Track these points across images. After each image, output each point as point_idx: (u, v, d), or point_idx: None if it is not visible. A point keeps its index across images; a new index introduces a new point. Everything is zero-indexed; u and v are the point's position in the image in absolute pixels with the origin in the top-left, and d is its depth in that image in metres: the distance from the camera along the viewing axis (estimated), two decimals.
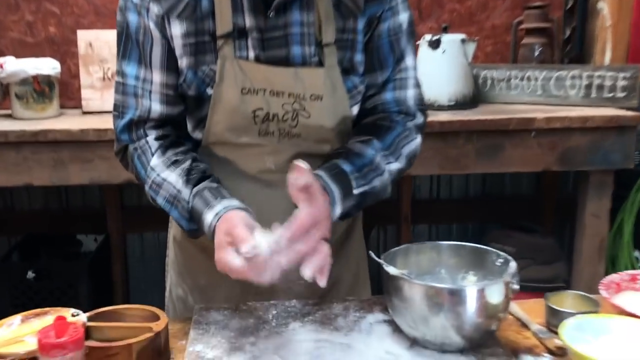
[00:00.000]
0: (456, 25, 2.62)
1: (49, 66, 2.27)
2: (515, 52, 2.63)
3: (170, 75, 1.13)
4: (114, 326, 1.02)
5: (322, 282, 0.92)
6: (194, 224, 1.07)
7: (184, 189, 1.07)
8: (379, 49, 1.16)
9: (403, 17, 1.16)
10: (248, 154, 1.15)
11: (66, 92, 2.50)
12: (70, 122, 2.14)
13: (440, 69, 2.30)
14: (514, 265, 1.01)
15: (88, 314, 1.03)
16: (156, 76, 1.13)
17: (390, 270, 1.00)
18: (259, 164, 1.15)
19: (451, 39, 2.30)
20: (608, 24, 2.54)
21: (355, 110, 1.17)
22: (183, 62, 1.11)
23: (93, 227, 2.75)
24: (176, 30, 1.09)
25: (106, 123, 2.00)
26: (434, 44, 2.30)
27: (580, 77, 2.30)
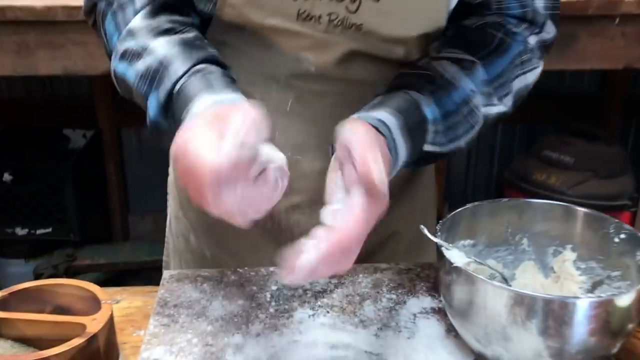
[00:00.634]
0: None
1: None
2: None
3: None
4: (31, 320, 0.70)
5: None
6: (167, 118, 0.68)
7: (180, 61, 0.68)
8: None
9: None
10: (277, 46, 0.78)
11: None
12: None
13: None
14: None
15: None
16: None
17: (454, 257, 0.63)
18: (291, 62, 0.78)
19: None
20: None
21: (453, 0, 0.78)
22: None
23: (82, 121, 2.41)
24: None
25: None
26: None
27: None
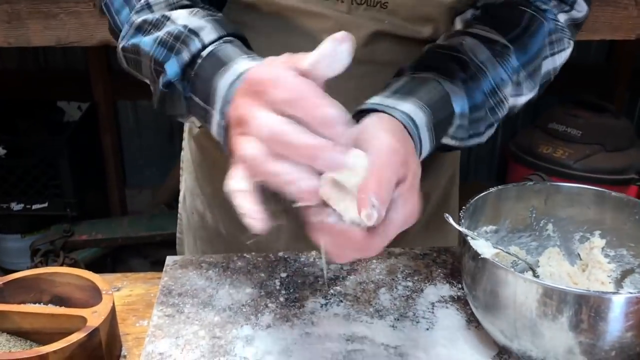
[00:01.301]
0: None
1: None
2: None
3: None
4: (29, 312, 0.66)
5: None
6: (184, 87, 0.61)
7: (205, 29, 0.62)
8: None
9: None
10: (298, 27, 0.73)
11: None
12: None
13: None
14: None
15: None
16: None
17: (481, 247, 0.59)
18: (313, 44, 0.72)
19: None
20: None
21: None
22: None
23: (77, 93, 2.33)
24: None
25: None
26: None
27: None
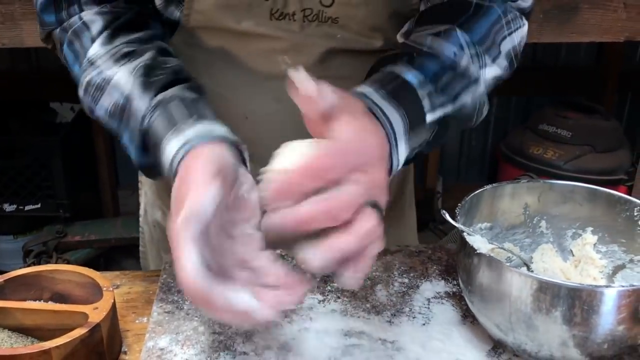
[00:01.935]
0: None
1: None
2: None
3: None
4: (30, 309, 0.66)
5: (356, 282, 0.51)
6: (149, 156, 0.63)
7: (139, 96, 0.63)
8: None
9: None
10: (252, 49, 0.74)
11: None
12: None
13: None
14: None
15: None
16: None
17: (477, 243, 0.60)
18: (268, 65, 0.74)
19: None
20: None
21: None
22: None
23: (69, 94, 2.31)
24: None
25: None
26: None
27: None
